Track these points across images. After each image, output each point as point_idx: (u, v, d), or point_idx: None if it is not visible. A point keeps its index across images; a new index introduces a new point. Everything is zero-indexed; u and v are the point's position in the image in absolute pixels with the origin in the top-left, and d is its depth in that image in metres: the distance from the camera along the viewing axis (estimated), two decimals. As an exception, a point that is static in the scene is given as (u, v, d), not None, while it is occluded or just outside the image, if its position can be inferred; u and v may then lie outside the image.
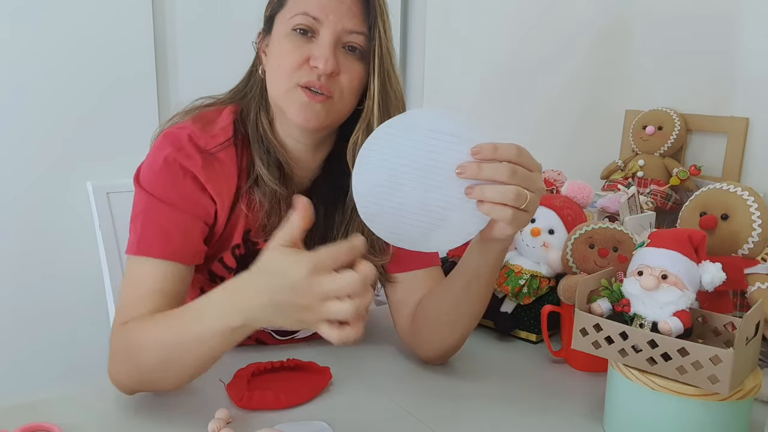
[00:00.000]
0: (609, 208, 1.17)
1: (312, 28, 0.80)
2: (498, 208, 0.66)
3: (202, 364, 0.72)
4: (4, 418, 0.73)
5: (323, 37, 0.79)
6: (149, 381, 0.75)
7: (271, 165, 0.85)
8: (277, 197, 0.85)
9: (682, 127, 1.37)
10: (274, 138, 0.87)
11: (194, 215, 0.82)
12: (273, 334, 0.96)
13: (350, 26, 0.80)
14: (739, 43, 1.30)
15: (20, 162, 1.50)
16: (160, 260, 0.79)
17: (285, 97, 0.82)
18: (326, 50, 0.79)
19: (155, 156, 0.83)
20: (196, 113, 0.88)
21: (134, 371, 0.75)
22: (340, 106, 0.83)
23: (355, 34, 0.80)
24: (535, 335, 1.01)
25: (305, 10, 0.79)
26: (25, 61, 1.48)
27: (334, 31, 0.79)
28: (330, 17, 0.79)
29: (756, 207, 0.82)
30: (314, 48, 0.80)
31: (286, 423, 0.74)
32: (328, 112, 0.82)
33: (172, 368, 0.73)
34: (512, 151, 0.66)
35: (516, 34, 1.79)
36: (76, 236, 1.56)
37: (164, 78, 1.67)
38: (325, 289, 0.59)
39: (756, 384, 0.68)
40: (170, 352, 0.71)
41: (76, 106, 1.54)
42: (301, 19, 0.79)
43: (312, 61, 0.79)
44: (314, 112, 0.81)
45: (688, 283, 0.71)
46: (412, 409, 0.79)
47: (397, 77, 0.86)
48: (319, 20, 0.79)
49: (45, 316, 1.58)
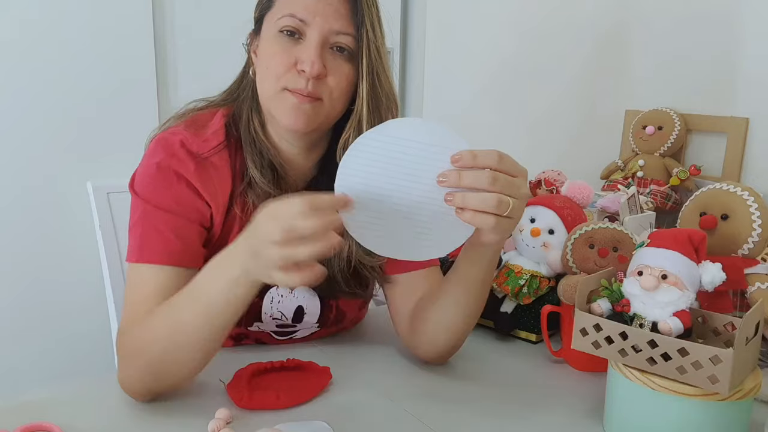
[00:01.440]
0: (609, 208, 1.17)
1: (299, 29, 0.79)
2: (480, 215, 0.65)
3: (210, 336, 0.72)
4: (4, 418, 0.73)
5: (310, 39, 0.79)
6: (161, 374, 0.75)
7: (265, 168, 0.85)
8: (270, 197, 0.85)
9: (682, 127, 1.37)
10: (266, 140, 0.87)
11: (190, 219, 0.82)
12: (273, 335, 0.96)
13: (337, 27, 0.79)
14: (739, 43, 1.30)
15: (21, 162, 1.50)
16: (162, 266, 0.80)
17: (273, 100, 0.82)
18: (312, 53, 0.78)
19: (148, 163, 0.83)
20: (189, 117, 0.88)
21: (144, 368, 0.75)
22: (330, 108, 0.82)
23: (343, 35, 0.80)
24: (535, 335, 1.01)
25: (292, 12, 0.79)
26: (26, 62, 1.48)
27: (320, 33, 0.79)
28: (317, 19, 0.78)
29: (756, 207, 0.82)
30: (301, 50, 0.79)
31: (286, 423, 0.74)
32: (317, 114, 0.82)
33: (181, 349, 0.73)
34: (492, 157, 0.66)
35: (516, 34, 1.79)
36: (76, 236, 1.56)
37: (164, 78, 1.67)
38: (281, 226, 0.61)
39: (756, 384, 0.68)
40: (177, 330, 0.72)
41: (76, 107, 1.54)
42: (288, 20, 0.79)
43: (299, 64, 0.79)
44: (303, 113, 0.80)
45: (688, 283, 0.71)
46: (411, 409, 0.79)
47: (388, 77, 0.85)
48: (306, 22, 0.79)
49: (45, 316, 1.58)
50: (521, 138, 1.81)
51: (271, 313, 0.92)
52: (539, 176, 1.26)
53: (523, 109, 1.80)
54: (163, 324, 0.74)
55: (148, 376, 0.76)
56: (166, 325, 0.73)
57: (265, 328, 0.95)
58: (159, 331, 0.74)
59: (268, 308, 0.92)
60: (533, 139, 1.78)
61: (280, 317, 0.93)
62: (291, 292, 0.92)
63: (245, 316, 0.91)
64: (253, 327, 0.93)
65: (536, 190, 1.25)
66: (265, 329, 0.95)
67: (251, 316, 0.92)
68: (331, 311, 0.95)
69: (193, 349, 0.73)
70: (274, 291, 0.91)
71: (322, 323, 0.96)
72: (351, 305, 0.97)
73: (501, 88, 1.85)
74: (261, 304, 0.91)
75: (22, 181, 1.51)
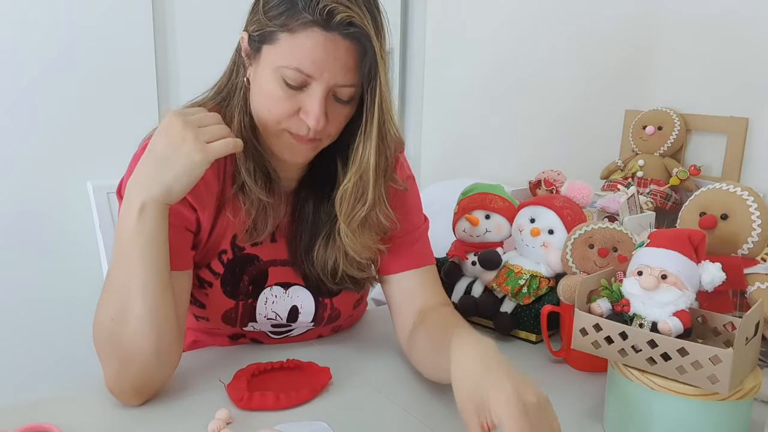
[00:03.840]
0: (609, 208, 1.17)
1: (304, 81, 0.77)
2: None
3: (145, 286, 0.74)
4: (4, 418, 0.73)
5: (314, 92, 0.77)
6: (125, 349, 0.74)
7: (258, 172, 0.85)
8: (263, 202, 0.85)
9: (682, 127, 1.37)
10: (259, 145, 0.85)
11: (175, 224, 0.80)
12: (269, 334, 0.96)
13: (342, 81, 0.77)
14: (739, 43, 1.30)
15: (21, 162, 1.51)
16: None
17: (272, 136, 0.82)
18: (317, 108, 0.77)
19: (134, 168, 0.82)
20: None
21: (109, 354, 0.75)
22: (328, 143, 0.84)
23: (347, 88, 0.78)
24: (534, 335, 1.01)
25: (298, 66, 0.75)
26: (26, 61, 1.48)
27: (326, 87, 0.77)
28: (324, 75, 0.76)
29: (756, 207, 0.82)
30: (305, 100, 0.77)
31: (286, 423, 0.74)
32: (316, 150, 0.84)
33: (127, 314, 0.74)
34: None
35: (516, 34, 1.79)
36: (76, 236, 1.56)
37: (164, 78, 1.67)
38: (194, 118, 0.74)
39: (756, 384, 0.68)
40: (114, 289, 0.75)
41: (76, 107, 1.55)
42: (294, 74, 0.76)
43: (302, 114, 0.78)
44: (302, 152, 0.82)
45: (687, 283, 0.71)
46: (412, 409, 0.79)
47: (393, 122, 0.84)
48: (313, 77, 0.76)
49: (45, 315, 1.58)
50: (521, 138, 1.81)
51: (265, 313, 0.92)
52: (539, 176, 1.26)
53: (523, 109, 1.80)
54: (104, 298, 0.76)
55: (113, 361, 0.75)
56: (108, 297, 0.76)
57: (261, 328, 0.95)
58: (104, 306, 0.75)
59: (263, 309, 0.92)
60: (533, 139, 1.78)
61: (274, 317, 0.93)
62: (285, 292, 0.92)
63: (239, 317, 0.91)
64: (248, 327, 0.93)
65: (536, 190, 1.25)
66: (260, 329, 0.95)
67: (246, 317, 0.92)
68: (325, 310, 0.95)
69: (137, 313, 0.74)
70: (268, 291, 0.91)
71: (317, 322, 0.96)
72: (346, 303, 0.97)
73: (501, 88, 1.85)
74: (255, 305, 0.91)
75: (22, 180, 1.51)
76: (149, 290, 0.74)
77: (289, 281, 0.92)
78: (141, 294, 0.74)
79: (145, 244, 0.74)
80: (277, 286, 0.92)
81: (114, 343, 0.75)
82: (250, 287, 0.90)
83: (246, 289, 0.90)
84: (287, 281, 0.92)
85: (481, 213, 1.05)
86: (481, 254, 1.02)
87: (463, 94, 1.99)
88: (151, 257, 0.74)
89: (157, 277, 0.75)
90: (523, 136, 1.81)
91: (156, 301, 0.75)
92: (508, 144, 1.85)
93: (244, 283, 0.90)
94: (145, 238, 0.74)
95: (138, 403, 0.78)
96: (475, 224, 1.04)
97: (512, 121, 1.83)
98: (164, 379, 0.80)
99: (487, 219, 1.05)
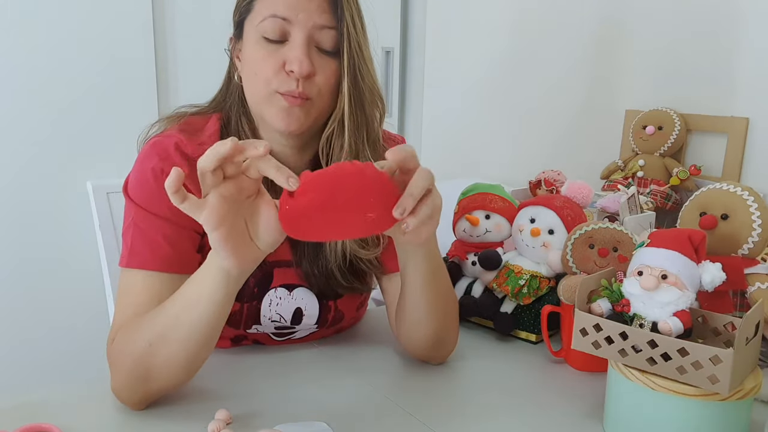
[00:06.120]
0: (609, 208, 1.17)
1: (283, 30, 0.79)
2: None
3: (198, 331, 0.71)
4: (4, 418, 0.73)
5: (295, 38, 0.79)
6: (149, 375, 0.74)
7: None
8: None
9: (682, 127, 1.37)
10: None
11: (182, 225, 0.81)
12: (271, 336, 0.96)
13: (321, 21, 0.79)
14: (740, 43, 1.30)
15: (20, 162, 1.50)
16: (152, 272, 0.79)
17: (264, 103, 0.82)
18: (300, 52, 0.78)
19: (142, 167, 0.83)
20: (183, 121, 0.88)
21: (131, 368, 0.74)
22: (319, 106, 0.83)
23: (327, 29, 0.80)
24: (535, 335, 1.01)
25: (273, 12, 0.78)
26: (26, 61, 1.48)
27: (305, 30, 0.78)
28: (300, 15, 0.78)
29: (756, 207, 0.82)
30: (287, 51, 0.79)
31: (286, 423, 0.74)
32: (308, 114, 0.82)
33: (168, 345, 0.71)
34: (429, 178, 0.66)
35: (516, 33, 1.79)
36: (76, 236, 1.56)
37: (164, 78, 1.67)
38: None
39: (756, 384, 0.68)
40: (165, 324, 0.72)
41: (76, 106, 1.55)
42: (271, 22, 0.78)
43: (287, 65, 0.79)
44: (294, 115, 0.81)
45: (688, 283, 0.71)
46: (411, 409, 0.79)
47: (371, 72, 0.85)
48: (289, 20, 0.78)
49: (45, 316, 1.58)
50: (521, 138, 1.81)
51: (269, 315, 0.92)
52: (539, 176, 1.26)
53: (523, 108, 1.80)
54: (151, 322, 0.73)
55: (134, 378, 0.74)
56: (155, 322, 0.73)
57: (264, 330, 0.95)
58: (146, 328, 0.73)
59: (267, 311, 0.91)
60: (533, 139, 1.78)
61: (278, 319, 0.93)
62: (290, 294, 0.92)
63: (244, 320, 0.91)
64: (252, 329, 0.93)
65: (536, 190, 1.25)
66: (263, 331, 0.95)
67: (250, 319, 0.92)
68: (329, 312, 0.95)
69: (179, 347, 0.72)
70: (272, 293, 0.91)
71: (321, 324, 0.96)
72: (350, 305, 0.97)
73: (501, 88, 1.85)
74: (260, 307, 0.91)
75: (22, 180, 1.51)
76: (200, 337, 0.72)
77: (293, 283, 0.92)
78: (185, 340, 0.72)
79: (220, 302, 0.71)
80: (281, 288, 0.92)
81: (139, 363, 0.73)
82: (255, 289, 0.90)
83: (251, 291, 0.90)
84: (292, 283, 0.92)
85: (481, 213, 1.05)
86: (481, 254, 1.02)
87: (463, 94, 1.99)
88: (219, 317, 0.72)
89: (211, 329, 0.72)
90: (523, 136, 1.81)
91: (200, 348, 0.73)
92: (508, 144, 1.85)
93: (249, 286, 0.90)
94: (218, 297, 0.70)
95: (142, 408, 0.77)
96: (475, 224, 1.04)
97: (512, 121, 1.83)
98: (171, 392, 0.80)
99: (487, 219, 1.05)
